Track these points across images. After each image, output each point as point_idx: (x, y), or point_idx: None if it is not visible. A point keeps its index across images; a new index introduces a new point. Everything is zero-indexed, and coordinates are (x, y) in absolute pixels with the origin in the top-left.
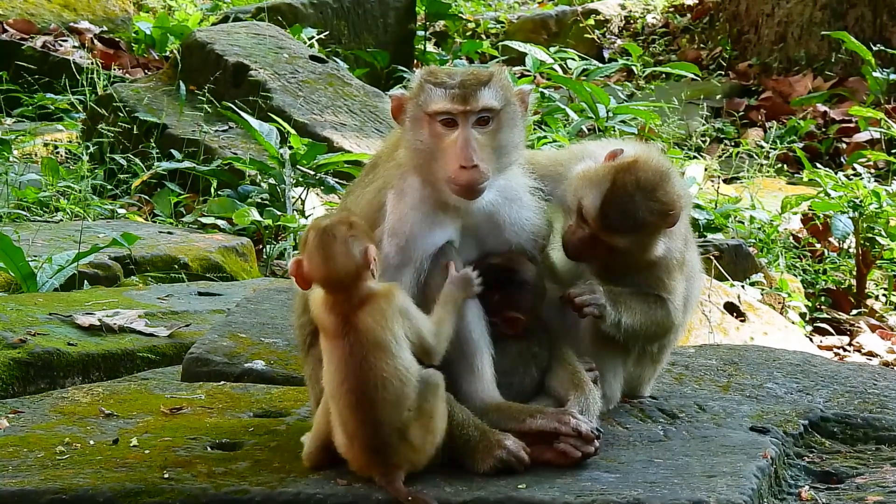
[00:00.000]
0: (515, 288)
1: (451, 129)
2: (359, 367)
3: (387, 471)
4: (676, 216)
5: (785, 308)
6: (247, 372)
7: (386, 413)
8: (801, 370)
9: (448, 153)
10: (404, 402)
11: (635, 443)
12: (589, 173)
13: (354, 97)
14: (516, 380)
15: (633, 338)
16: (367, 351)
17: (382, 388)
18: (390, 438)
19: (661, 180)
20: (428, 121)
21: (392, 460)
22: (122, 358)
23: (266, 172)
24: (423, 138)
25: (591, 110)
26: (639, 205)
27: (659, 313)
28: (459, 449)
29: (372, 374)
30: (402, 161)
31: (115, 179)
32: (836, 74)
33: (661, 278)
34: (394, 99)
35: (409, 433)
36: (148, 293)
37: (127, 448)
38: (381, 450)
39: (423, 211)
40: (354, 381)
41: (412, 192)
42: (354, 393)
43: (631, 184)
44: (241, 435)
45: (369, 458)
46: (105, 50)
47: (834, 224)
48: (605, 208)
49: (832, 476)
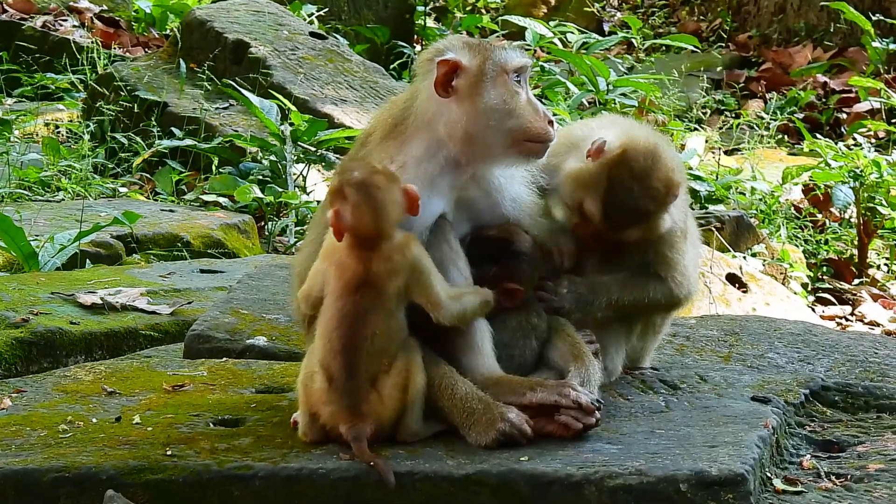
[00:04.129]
0: (512, 259)
1: (521, 87)
2: (360, 319)
3: (355, 422)
4: (676, 190)
5: (787, 278)
6: (249, 348)
7: (367, 362)
8: (802, 340)
9: (529, 110)
10: (384, 356)
11: (637, 414)
12: (582, 175)
13: (355, 73)
14: (517, 352)
15: (632, 316)
16: (372, 305)
17: (371, 342)
18: (364, 386)
19: (653, 163)
20: (506, 79)
21: (361, 408)
22: (125, 336)
23: (267, 149)
24: (506, 97)
25: (592, 83)
26: (638, 195)
27: (657, 292)
28: (462, 422)
29: (367, 328)
30: (413, 131)
31: (116, 158)
32: (835, 45)
33: (664, 253)
34: (447, 63)
35: (378, 384)
36: (150, 271)
37: (129, 426)
38: (354, 394)
39: (424, 182)
40: (349, 329)
41: (413, 162)
42: (342, 340)
43: (626, 178)
44: (243, 411)
45: (342, 403)
46: (105, 29)
47: (835, 194)
48: (608, 209)
49: (833, 445)
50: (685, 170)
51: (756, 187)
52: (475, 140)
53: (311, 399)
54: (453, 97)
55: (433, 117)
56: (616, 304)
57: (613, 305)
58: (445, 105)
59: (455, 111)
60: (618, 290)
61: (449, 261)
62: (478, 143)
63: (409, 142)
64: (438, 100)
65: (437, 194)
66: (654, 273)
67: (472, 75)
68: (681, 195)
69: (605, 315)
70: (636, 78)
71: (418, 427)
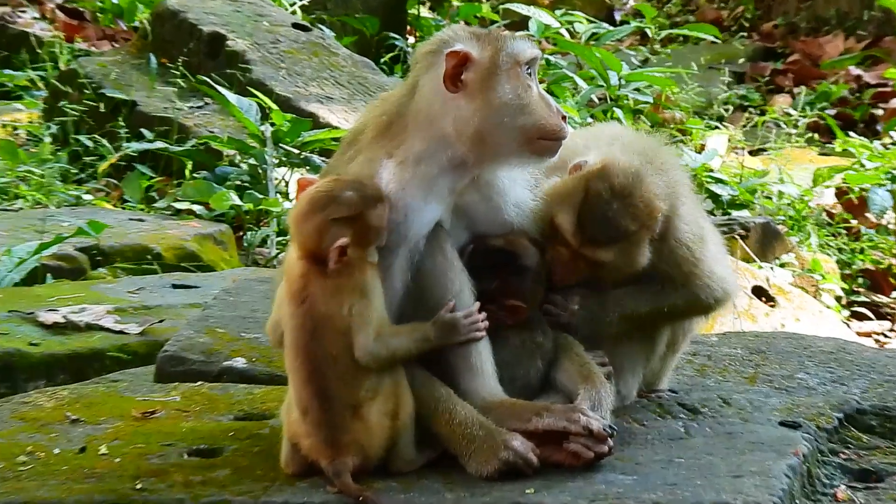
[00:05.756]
0: (516, 274)
1: (532, 81)
2: (310, 338)
3: (336, 455)
4: (656, 221)
5: (819, 291)
6: (226, 371)
7: (337, 388)
8: (835, 358)
9: (542, 105)
10: (360, 381)
11: (653, 441)
12: (558, 188)
13: (342, 68)
14: (520, 373)
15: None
16: (317, 322)
17: (335, 364)
18: (341, 416)
19: (636, 182)
20: (519, 72)
21: (342, 439)
22: (90, 358)
23: (246, 152)
24: (520, 91)
25: (602, 78)
26: (618, 212)
27: (678, 298)
28: (462, 450)
29: (322, 349)
30: (412, 127)
31: (81, 163)
32: (869, 34)
33: (684, 257)
34: (456, 55)
35: (363, 412)
36: (117, 287)
37: (95, 457)
38: (332, 426)
39: (425, 184)
40: (305, 353)
41: (414, 162)
42: (306, 366)
43: (606, 191)
44: (220, 440)
45: (319, 435)
46: (68, 21)
47: (870, 198)
48: (583, 221)
49: (871, 474)
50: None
51: (784, 191)
52: (486, 138)
53: (292, 428)
54: (462, 92)
55: (438, 114)
56: (630, 317)
57: (627, 318)
58: (453, 101)
59: (465, 107)
60: (631, 301)
61: (441, 272)
62: (489, 141)
63: (407, 141)
64: (446, 95)
65: (434, 199)
66: (679, 283)
67: (484, 68)
68: (690, 206)
69: (620, 330)
70: (651, 72)
71: (412, 455)
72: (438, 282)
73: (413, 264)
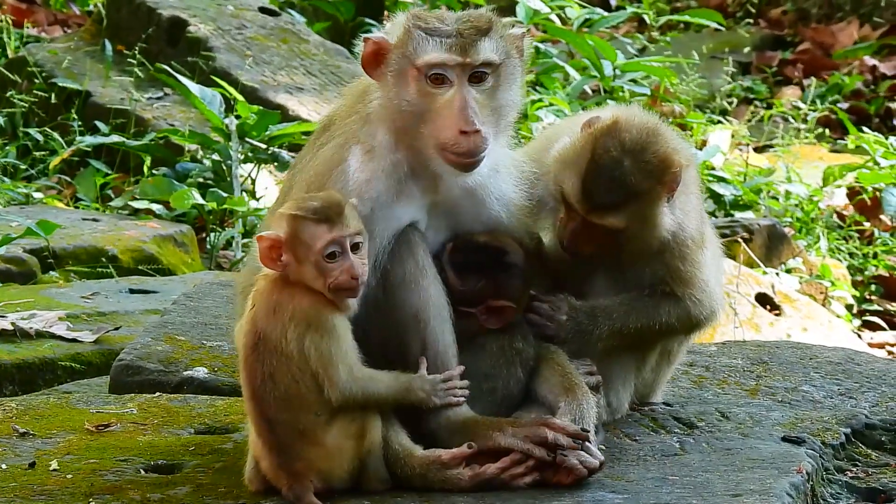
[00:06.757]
0: (503, 271)
1: (441, 86)
2: (251, 353)
3: (291, 481)
4: (677, 175)
5: (828, 299)
6: (186, 381)
7: (277, 412)
8: (843, 370)
9: (443, 115)
10: (303, 404)
11: (646, 457)
12: (565, 152)
13: (313, 56)
14: (500, 384)
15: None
16: (258, 338)
17: (272, 385)
18: (289, 441)
19: (650, 137)
20: (416, 76)
21: (294, 466)
22: (40, 368)
23: (209, 147)
24: (409, 97)
25: (596, 68)
26: (628, 169)
27: (671, 315)
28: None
29: (261, 367)
30: (374, 115)
31: (30, 158)
32: (886, 21)
33: (677, 267)
34: (370, 42)
35: (317, 436)
36: (70, 291)
37: (46, 473)
38: (282, 451)
39: (394, 178)
40: (247, 370)
41: (383, 152)
42: (248, 385)
43: (615, 147)
44: (180, 455)
45: (273, 460)
46: (16, 4)
47: (885, 199)
48: (588, 184)
49: (880, 493)
50: (696, 165)
51: (791, 191)
52: (402, 137)
53: (254, 447)
54: (380, 82)
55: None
56: (620, 332)
57: (617, 334)
58: (376, 89)
59: (379, 97)
60: (622, 315)
61: (412, 279)
62: (405, 140)
63: (372, 128)
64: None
65: (411, 194)
66: (668, 292)
67: (386, 63)
68: (691, 196)
69: (607, 345)
70: (648, 61)
71: (385, 474)
72: (410, 292)
73: (379, 266)
